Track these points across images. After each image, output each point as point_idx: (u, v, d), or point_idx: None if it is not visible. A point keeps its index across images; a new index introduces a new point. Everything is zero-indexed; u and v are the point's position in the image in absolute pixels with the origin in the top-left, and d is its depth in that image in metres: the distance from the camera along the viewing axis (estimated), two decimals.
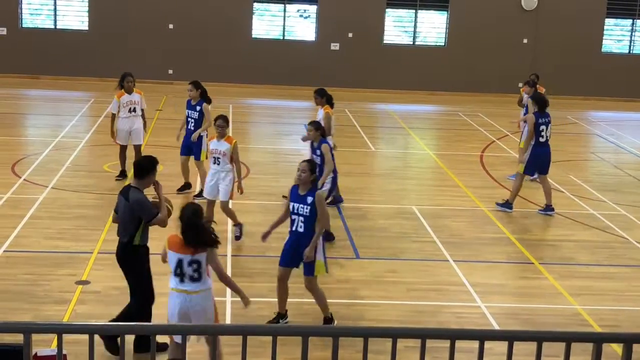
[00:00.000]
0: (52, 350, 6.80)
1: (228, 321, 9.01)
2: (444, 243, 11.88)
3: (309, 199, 8.54)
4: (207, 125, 13.20)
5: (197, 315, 7.20)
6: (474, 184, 15.36)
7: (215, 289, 9.80)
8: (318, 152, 11.58)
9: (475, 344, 4.44)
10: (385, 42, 26.66)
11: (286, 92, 25.33)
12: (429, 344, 4.40)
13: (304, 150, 15.23)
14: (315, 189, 8.67)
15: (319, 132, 11.56)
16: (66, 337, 4.30)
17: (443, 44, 26.92)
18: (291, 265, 8.79)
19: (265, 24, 26.64)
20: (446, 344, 4.42)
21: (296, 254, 8.68)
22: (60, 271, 10.12)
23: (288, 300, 8.98)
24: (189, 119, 13.55)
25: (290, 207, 8.65)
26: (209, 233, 7.28)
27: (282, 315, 8.94)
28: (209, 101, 13.52)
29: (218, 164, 11.42)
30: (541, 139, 13.53)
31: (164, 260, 7.49)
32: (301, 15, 26.80)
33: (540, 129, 13.49)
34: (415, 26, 26.84)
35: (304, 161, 8.84)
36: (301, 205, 8.57)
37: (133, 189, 8.12)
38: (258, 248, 11.36)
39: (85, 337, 4.29)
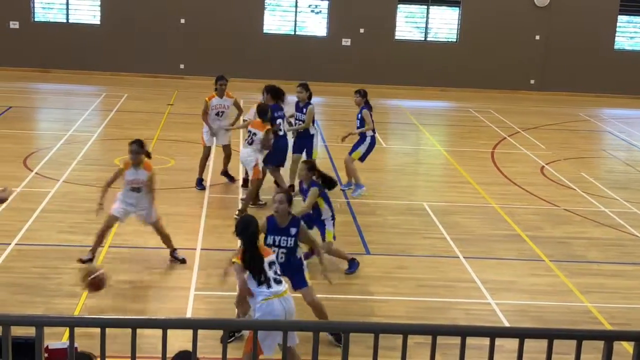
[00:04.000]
0: (63, 343, 6.84)
1: None
2: (455, 239, 11.87)
3: (293, 231, 8.21)
4: (305, 125, 13.51)
5: (293, 313, 7.28)
6: (485, 180, 15.33)
7: (228, 282, 9.84)
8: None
9: (485, 341, 4.44)
10: (396, 37, 26.62)
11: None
12: (440, 340, 4.39)
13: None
14: (297, 219, 8.31)
15: (310, 174, 10.27)
16: (77, 330, 4.31)
17: (455, 40, 26.86)
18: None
19: (277, 19, 26.64)
20: (456, 340, 4.41)
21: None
22: (71, 265, 10.15)
23: (297, 295, 8.98)
24: (297, 121, 13.57)
25: (269, 239, 8.22)
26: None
27: None
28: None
29: (139, 192, 10.12)
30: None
31: (226, 275, 7.65)
32: (312, 11, 26.77)
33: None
34: (427, 22, 26.77)
35: (279, 192, 8.43)
36: (283, 238, 8.23)
37: None
38: None
39: (96, 330, 4.31)
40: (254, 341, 5.07)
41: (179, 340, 7.70)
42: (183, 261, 10.37)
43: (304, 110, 13.66)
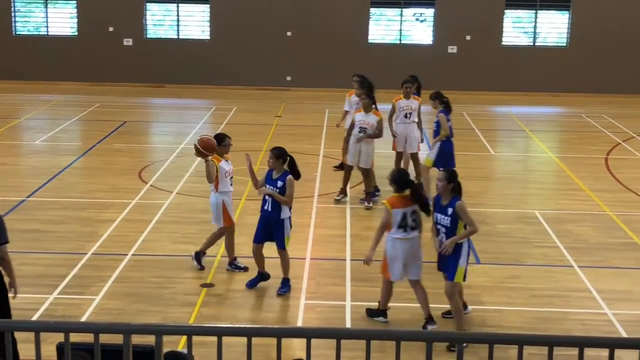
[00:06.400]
0: (179, 351, 7.00)
1: (348, 325, 9.06)
2: (568, 248, 11.58)
3: (449, 210, 8.49)
4: (444, 134, 13.19)
5: (412, 255, 8.81)
6: (599, 187, 14.90)
7: (337, 292, 9.89)
8: (280, 183, 9.71)
9: (602, 352, 4.31)
10: (504, 43, 26.21)
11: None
12: (555, 351, 4.29)
13: (421, 155, 15.13)
14: (456, 199, 8.55)
15: (280, 160, 9.79)
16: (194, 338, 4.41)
17: (564, 44, 26.24)
18: (442, 270, 8.87)
19: (382, 29, 26.66)
20: (572, 351, 4.30)
21: (442, 259, 8.72)
22: (185, 274, 10.41)
23: (408, 305, 8.95)
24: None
25: (434, 217, 8.73)
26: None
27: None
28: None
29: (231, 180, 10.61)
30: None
31: (389, 225, 8.79)
32: (417, 19, 26.67)
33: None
34: (535, 27, 26.27)
35: (442, 170, 9.02)
36: (442, 216, 8.58)
37: None
38: (377, 253, 11.35)
39: (209, 338, 4.40)
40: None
41: (292, 349, 7.80)
42: (202, 268, 10.54)
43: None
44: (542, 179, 16.07)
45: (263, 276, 10.07)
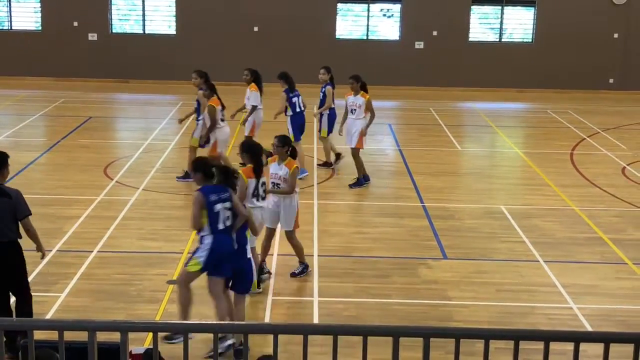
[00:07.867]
0: (145, 348, 6.96)
1: (316, 321, 9.05)
2: (534, 243, 11.67)
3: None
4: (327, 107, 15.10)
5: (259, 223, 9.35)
6: (564, 182, 15.03)
7: (304, 288, 9.87)
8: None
9: (568, 346, 4.34)
10: (470, 39, 26.34)
11: (371, 92, 25.22)
12: (522, 345, 4.31)
13: (389, 150, 15.18)
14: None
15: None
16: (160, 334, 4.37)
17: (530, 41, 26.44)
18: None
19: (349, 24, 26.65)
20: (539, 345, 4.33)
21: None
22: (152, 271, 10.34)
23: (375, 300, 8.96)
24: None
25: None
26: None
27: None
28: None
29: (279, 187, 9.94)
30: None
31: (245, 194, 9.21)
32: (384, 15, 26.70)
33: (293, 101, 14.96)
34: (501, 23, 26.42)
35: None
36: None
37: (3, 186, 8.26)
38: (344, 248, 11.38)
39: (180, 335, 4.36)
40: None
41: (260, 345, 7.78)
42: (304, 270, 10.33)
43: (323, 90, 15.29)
44: (509, 175, 16.17)
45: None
